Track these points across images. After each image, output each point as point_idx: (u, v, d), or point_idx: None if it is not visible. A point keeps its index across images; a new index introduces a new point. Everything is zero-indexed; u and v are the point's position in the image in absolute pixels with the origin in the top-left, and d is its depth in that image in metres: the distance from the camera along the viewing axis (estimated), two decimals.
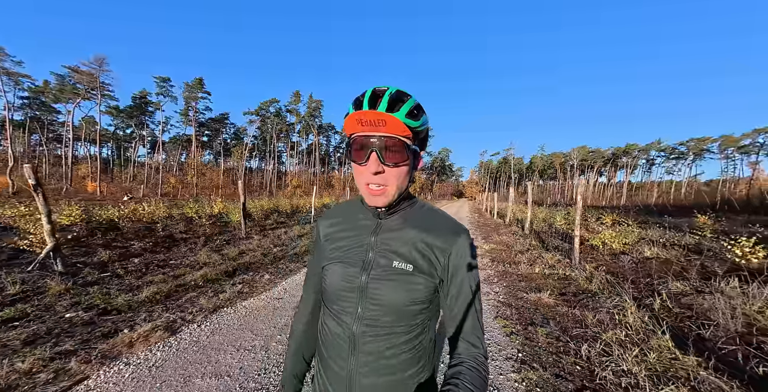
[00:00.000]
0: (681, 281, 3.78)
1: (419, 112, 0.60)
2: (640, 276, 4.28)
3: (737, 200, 21.31)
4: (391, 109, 0.57)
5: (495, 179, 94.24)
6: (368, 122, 0.57)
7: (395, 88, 0.60)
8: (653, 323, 2.64)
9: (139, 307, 3.13)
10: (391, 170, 0.59)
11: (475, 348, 0.62)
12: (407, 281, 0.61)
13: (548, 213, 12.06)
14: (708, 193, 38.09)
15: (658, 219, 10.49)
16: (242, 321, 2.84)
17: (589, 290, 3.73)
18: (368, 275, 0.63)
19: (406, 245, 0.64)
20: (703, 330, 2.55)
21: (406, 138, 0.59)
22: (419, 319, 0.63)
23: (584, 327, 2.77)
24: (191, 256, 5.42)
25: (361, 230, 0.68)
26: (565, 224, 8.73)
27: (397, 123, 0.56)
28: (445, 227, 0.66)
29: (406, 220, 0.67)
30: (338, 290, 0.65)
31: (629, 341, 2.42)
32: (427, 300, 0.63)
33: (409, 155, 0.59)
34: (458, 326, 0.63)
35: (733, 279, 3.47)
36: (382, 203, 0.62)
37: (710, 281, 3.58)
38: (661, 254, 5.38)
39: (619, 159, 75.27)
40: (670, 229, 8.04)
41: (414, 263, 0.62)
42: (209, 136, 62.74)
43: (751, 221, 8.73)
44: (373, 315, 0.62)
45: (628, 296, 3.21)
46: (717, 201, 23.31)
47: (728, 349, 2.27)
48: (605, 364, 2.15)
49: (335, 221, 0.73)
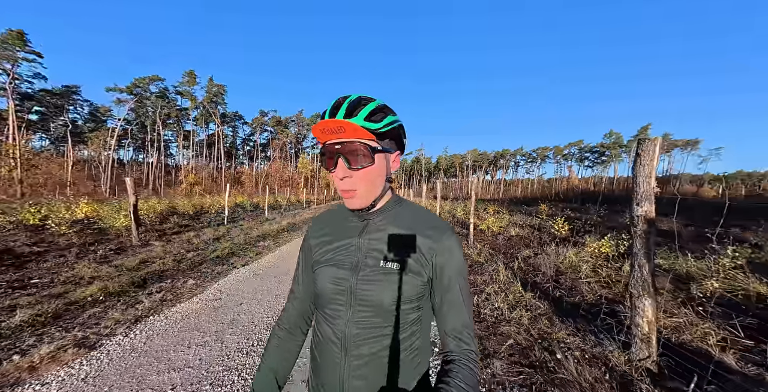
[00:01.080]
0: (529, 249, 5.65)
1: (382, 113, 0.61)
2: (509, 249, 6.09)
3: (561, 193, 31.15)
4: (349, 115, 0.58)
5: (409, 177, 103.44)
6: (329, 130, 0.59)
7: (357, 95, 0.62)
8: (513, 277, 4.02)
9: (17, 333, 2.56)
10: (358, 173, 0.60)
11: (465, 344, 0.62)
12: (395, 281, 0.61)
13: (452, 206, 14.66)
14: (548, 188, 53.84)
15: (521, 208, 14.72)
16: (182, 324, 2.74)
17: (479, 262, 5.12)
18: (357, 276, 0.63)
19: (393, 244, 0.65)
20: (536, 277, 4.09)
21: (369, 141, 0.60)
22: (410, 318, 0.63)
23: (476, 285, 3.95)
24: (66, 272, 4.36)
25: (348, 232, 0.69)
26: (463, 214, 10.97)
27: (355, 128, 0.57)
28: (431, 225, 0.66)
29: (392, 220, 0.67)
30: (329, 294, 0.65)
31: (500, 290, 3.65)
32: (416, 298, 0.63)
33: (374, 157, 0.60)
34: (448, 323, 0.63)
35: (553, 244, 5.48)
36: (358, 205, 0.63)
37: (543, 247, 5.52)
38: (521, 233, 7.65)
39: (499, 161, 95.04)
40: (527, 215, 11.32)
41: (401, 262, 0.62)
42: (43, 114, 45.03)
43: (566, 207, 13.53)
44: (363, 316, 0.62)
45: (500, 262, 4.67)
46: (552, 194, 33.42)
47: (546, 286, 3.78)
48: (486, 306, 3.25)
49: (324, 225, 0.74)
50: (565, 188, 46.29)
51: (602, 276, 3.90)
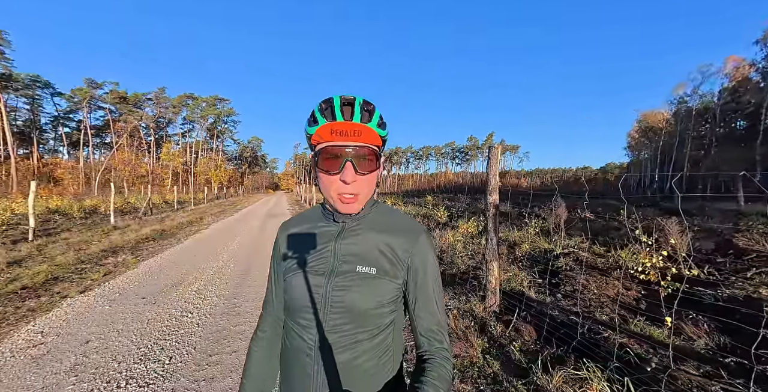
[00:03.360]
0: None
1: (384, 120, 0.63)
2: None
3: (441, 186, 37.98)
4: (364, 119, 0.58)
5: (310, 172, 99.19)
6: (343, 133, 0.57)
7: (361, 97, 0.60)
8: None
9: None
10: (363, 178, 0.60)
11: (438, 343, 0.63)
12: (371, 285, 0.61)
13: None
14: (431, 181, 64.17)
15: (412, 200, 16.97)
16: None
17: None
18: (332, 282, 0.61)
19: (369, 248, 0.64)
20: None
21: (377, 147, 0.61)
22: (386, 321, 0.63)
23: None
24: None
25: (323, 237, 0.66)
26: None
27: (371, 133, 0.58)
28: (406, 228, 0.67)
29: (368, 223, 0.67)
30: (301, 302, 0.62)
31: None
32: (392, 301, 0.63)
33: (378, 163, 0.61)
34: (422, 323, 0.64)
35: (435, 229, 6.67)
36: (355, 210, 0.62)
37: (430, 231, 6.64)
38: None
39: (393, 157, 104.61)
40: (417, 205, 13.17)
41: (377, 266, 0.62)
42: None
43: (445, 198, 16.74)
44: (337, 323, 0.60)
45: None
46: (435, 186, 40.17)
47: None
48: None
49: (297, 230, 0.71)
50: (444, 181, 56.96)
51: (469, 250, 5.10)
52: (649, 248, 3.20)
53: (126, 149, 44.73)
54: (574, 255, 4.30)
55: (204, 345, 2.45)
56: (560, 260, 4.13)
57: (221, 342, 2.49)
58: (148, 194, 14.67)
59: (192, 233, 8.26)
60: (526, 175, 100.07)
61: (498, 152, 2.95)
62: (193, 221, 11.11)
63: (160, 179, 47.51)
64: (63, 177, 36.76)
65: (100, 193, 28.59)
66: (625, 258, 3.67)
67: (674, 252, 3.27)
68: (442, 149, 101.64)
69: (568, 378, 1.78)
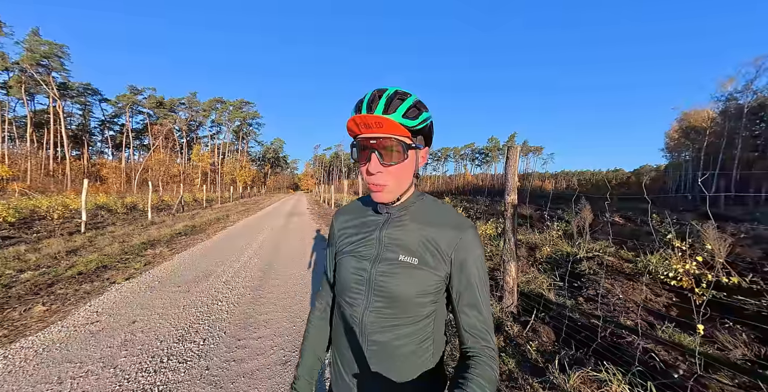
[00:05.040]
0: None
1: (418, 110, 0.61)
2: None
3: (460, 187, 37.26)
4: (387, 110, 0.59)
5: (329, 173, 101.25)
6: (366, 125, 0.59)
7: (394, 88, 0.62)
8: None
9: None
10: (390, 168, 0.61)
11: (484, 341, 0.62)
12: (413, 275, 0.62)
13: None
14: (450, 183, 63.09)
15: None
16: (44, 357, 2.09)
17: None
18: (376, 268, 0.64)
19: (412, 238, 0.65)
20: None
21: (405, 138, 0.61)
22: (425, 311, 0.64)
23: None
24: None
25: (370, 225, 0.70)
26: None
27: (393, 124, 0.58)
28: (451, 222, 0.67)
29: (413, 215, 0.68)
30: (348, 282, 0.67)
31: None
32: (433, 292, 0.64)
33: (407, 153, 0.61)
34: (466, 319, 0.64)
35: None
36: (385, 199, 0.64)
37: None
38: None
39: None
40: None
41: (419, 257, 0.64)
42: None
43: (463, 199, 16.53)
44: (379, 306, 0.63)
45: None
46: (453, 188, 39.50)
47: None
48: None
49: (349, 217, 0.75)
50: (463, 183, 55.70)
51: (487, 252, 5.04)
52: (681, 254, 3.02)
53: (161, 151, 48.17)
54: (599, 259, 4.12)
55: (233, 330, 2.65)
56: (583, 264, 3.98)
57: (248, 329, 2.68)
58: (180, 192, 15.69)
59: (219, 230, 8.77)
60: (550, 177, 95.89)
61: (517, 152, 2.93)
62: (220, 218, 11.76)
63: (191, 178, 50.60)
64: (108, 176, 40.11)
65: (139, 191, 30.95)
66: (655, 264, 3.47)
67: (711, 258, 3.06)
68: (461, 150, 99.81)
69: (586, 378, 1.76)
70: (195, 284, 3.89)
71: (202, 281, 4.01)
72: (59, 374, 1.96)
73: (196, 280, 4.08)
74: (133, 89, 52.35)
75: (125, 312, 2.96)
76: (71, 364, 2.07)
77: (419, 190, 0.75)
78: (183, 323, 2.76)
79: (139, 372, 2.00)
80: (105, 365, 2.07)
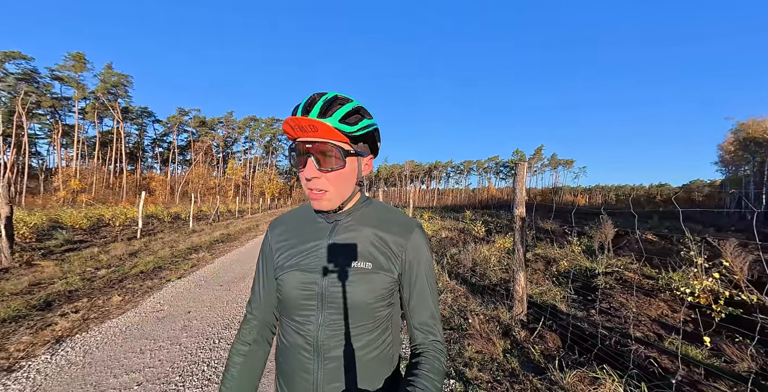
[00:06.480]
0: (455, 247, 6.80)
1: (358, 116, 0.59)
2: (440, 248, 7.16)
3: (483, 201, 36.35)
4: (324, 114, 0.56)
5: None
6: (301, 128, 0.57)
7: (334, 93, 0.60)
8: (442, 270, 4.92)
9: None
10: (328, 175, 0.59)
11: (432, 335, 0.64)
12: (368, 280, 0.61)
13: None
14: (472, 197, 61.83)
15: (450, 214, 16.84)
16: (125, 335, 2.66)
17: None
18: (328, 279, 0.61)
19: (363, 243, 0.64)
20: (459, 269, 5.09)
21: (342, 143, 0.58)
22: (383, 315, 0.63)
23: None
24: None
25: (316, 233, 0.66)
26: None
27: (328, 129, 0.55)
28: (400, 223, 0.67)
29: (360, 219, 0.67)
30: (296, 300, 0.62)
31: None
32: (388, 295, 0.63)
33: (346, 160, 0.59)
34: (416, 316, 0.65)
35: (471, 243, 6.74)
36: (326, 207, 0.61)
37: (465, 245, 6.73)
38: (450, 235, 8.96)
39: (433, 172, 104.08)
40: (455, 220, 13.10)
41: (373, 261, 0.62)
42: None
43: (485, 213, 16.26)
44: (335, 318, 0.60)
45: (432, 260, 5.59)
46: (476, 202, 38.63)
47: (466, 274, 4.78)
48: None
49: (287, 228, 0.70)
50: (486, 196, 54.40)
51: (503, 264, 5.13)
52: (697, 270, 2.99)
53: (201, 165, 52.88)
54: (618, 275, 4.08)
55: None
56: (599, 278, 3.98)
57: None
58: (216, 203, 17.17)
59: (251, 238, 9.54)
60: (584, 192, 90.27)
61: (524, 168, 3.19)
62: (251, 227, 12.70)
63: (225, 190, 54.56)
64: (156, 188, 44.48)
65: (180, 202, 33.98)
66: (677, 280, 3.42)
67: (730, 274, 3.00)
68: (484, 163, 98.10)
69: (582, 377, 1.92)
70: (234, 284, 4.42)
71: (240, 282, 4.54)
72: (141, 347, 2.48)
73: (235, 280, 4.62)
74: (181, 111, 58.83)
75: (181, 304, 3.51)
76: (147, 340, 2.59)
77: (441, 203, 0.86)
78: (228, 314, 3.23)
79: (198, 349, 2.46)
80: (172, 343, 2.56)
